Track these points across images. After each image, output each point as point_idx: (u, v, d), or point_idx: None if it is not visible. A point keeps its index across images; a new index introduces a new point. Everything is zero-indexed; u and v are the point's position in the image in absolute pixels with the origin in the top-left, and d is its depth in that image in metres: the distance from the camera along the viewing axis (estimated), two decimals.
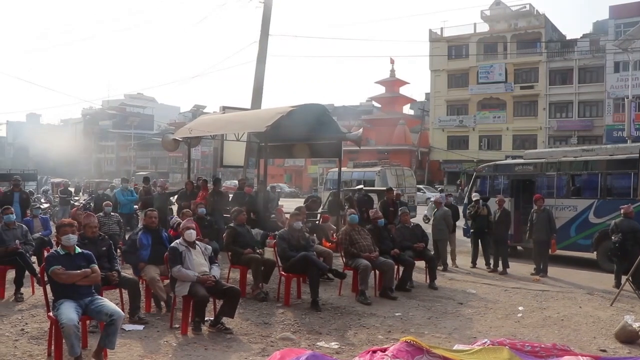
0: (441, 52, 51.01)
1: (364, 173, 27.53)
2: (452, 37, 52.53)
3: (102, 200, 14.89)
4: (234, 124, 14.02)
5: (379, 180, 26.07)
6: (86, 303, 5.43)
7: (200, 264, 6.74)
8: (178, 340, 6.31)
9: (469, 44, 51.02)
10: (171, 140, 15.57)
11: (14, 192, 13.93)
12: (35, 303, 7.94)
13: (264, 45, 18.62)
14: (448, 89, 53.16)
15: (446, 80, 53.20)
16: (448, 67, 52.80)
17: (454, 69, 52.64)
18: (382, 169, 26.71)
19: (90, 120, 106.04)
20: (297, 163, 61.39)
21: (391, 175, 26.20)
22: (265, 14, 18.78)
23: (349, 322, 7.29)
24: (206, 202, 12.49)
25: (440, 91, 53.50)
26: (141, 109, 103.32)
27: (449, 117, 53.12)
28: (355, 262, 8.77)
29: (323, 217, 13.25)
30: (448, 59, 52.42)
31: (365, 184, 27.06)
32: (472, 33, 51.56)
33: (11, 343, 6.10)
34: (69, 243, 5.67)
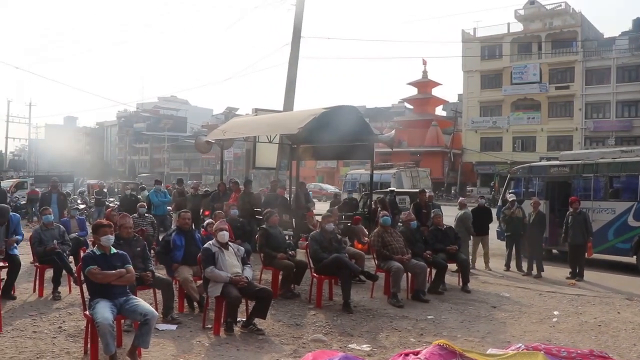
0: (474, 52, 50.51)
1: (380, 175, 27.85)
2: (485, 38, 51.96)
3: (130, 201, 15.15)
4: (266, 126, 14.07)
5: (395, 182, 26.39)
6: (121, 303, 5.50)
7: (233, 265, 6.78)
8: (210, 340, 6.36)
9: (503, 44, 50.40)
10: (204, 142, 15.70)
11: (52, 193, 14.27)
12: (72, 302, 8.10)
13: (296, 47, 18.70)
14: (481, 89, 52.58)
15: (479, 81, 52.63)
16: (481, 67, 52.22)
17: (487, 70, 52.03)
18: (397, 171, 27.27)
19: (124, 123, 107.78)
20: (329, 165, 61.45)
21: (406, 177, 26.77)
22: (297, 16, 18.86)
23: (380, 325, 7.26)
24: (238, 203, 12.57)
25: (473, 92, 52.94)
26: (174, 111, 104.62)
27: (482, 118, 52.53)
28: (388, 264, 8.73)
29: (355, 219, 13.21)
30: (481, 59, 51.86)
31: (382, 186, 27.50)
32: (505, 33, 50.91)
33: (50, 340, 6.25)
34: (106, 243, 5.76)
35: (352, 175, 31.50)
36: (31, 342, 6.13)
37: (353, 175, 31.49)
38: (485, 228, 12.78)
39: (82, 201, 21.91)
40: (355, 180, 29.85)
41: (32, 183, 27.92)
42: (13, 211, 20.98)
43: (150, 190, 18.73)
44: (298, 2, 18.86)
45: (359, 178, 29.77)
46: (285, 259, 8.57)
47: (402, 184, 26.29)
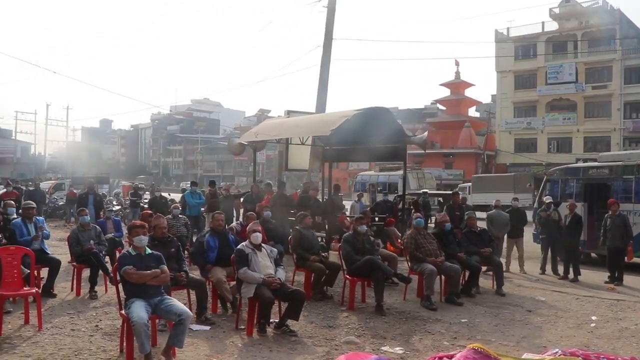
0: (508, 52, 49.76)
1: (389, 176, 29.18)
2: (519, 37, 51.18)
3: (159, 203, 15.33)
4: (298, 128, 14.13)
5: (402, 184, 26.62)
6: (156, 302, 5.57)
7: (266, 266, 6.81)
8: (243, 341, 6.40)
9: (537, 43, 49.57)
10: (237, 144, 15.83)
11: (89, 195, 14.51)
12: (108, 301, 8.24)
13: (328, 49, 18.71)
14: (515, 90, 51.80)
15: (513, 82, 51.87)
16: (515, 68, 51.45)
17: (521, 70, 51.24)
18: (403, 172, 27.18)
19: (158, 125, 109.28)
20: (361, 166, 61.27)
21: (413, 178, 27.45)
22: (329, 18, 18.88)
23: (413, 327, 7.21)
24: (271, 205, 12.63)
25: (507, 93, 52.20)
26: (207, 113, 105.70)
27: (516, 119, 51.78)
28: (421, 267, 8.67)
29: (388, 220, 13.16)
30: (515, 59, 51.06)
31: (390, 187, 27.88)
32: (540, 32, 50.03)
33: (87, 338, 6.37)
34: (141, 244, 5.84)
35: (362, 177, 32.19)
36: (69, 340, 6.27)
37: (363, 176, 32.11)
38: (520, 230, 12.59)
39: (117, 202, 22.25)
40: (365, 182, 30.76)
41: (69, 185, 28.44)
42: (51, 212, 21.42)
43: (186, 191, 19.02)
44: (329, 4, 18.87)
45: (369, 179, 30.82)
46: (317, 260, 8.58)
47: (409, 184, 26.53)
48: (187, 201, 14.65)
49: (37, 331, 6.56)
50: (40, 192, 21.58)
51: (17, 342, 6.14)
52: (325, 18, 18.97)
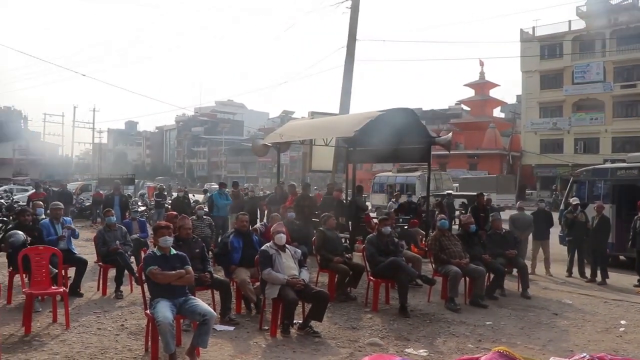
0: (533, 52, 49.14)
1: (406, 177, 29.52)
2: (544, 37, 50.55)
3: (181, 203, 15.43)
4: (322, 129, 14.15)
5: (420, 184, 27.74)
6: (180, 302, 5.61)
7: (290, 267, 6.83)
8: (267, 341, 6.41)
9: (563, 42, 48.93)
10: (261, 145, 15.90)
11: (115, 196, 14.70)
12: (133, 300, 8.33)
13: (352, 50, 18.71)
14: (541, 90, 51.18)
15: (539, 82, 51.25)
16: (541, 67, 50.82)
17: (547, 70, 50.59)
18: (422, 174, 27.84)
19: (183, 127, 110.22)
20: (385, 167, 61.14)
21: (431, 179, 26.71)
22: (352, 19, 18.88)
23: (438, 330, 7.16)
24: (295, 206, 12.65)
25: (533, 93, 51.59)
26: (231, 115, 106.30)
27: (541, 119, 51.15)
28: (445, 269, 8.61)
29: (412, 222, 13.10)
30: (540, 59, 50.40)
31: (407, 188, 28.12)
32: (566, 31, 49.30)
33: (113, 337, 6.46)
34: (166, 244, 5.89)
35: (379, 178, 32.33)
36: (96, 339, 6.36)
37: (381, 177, 32.25)
38: (546, 232, 12.43)
39: (142, 203, 22.48)
40: (384, 183, 31.22)
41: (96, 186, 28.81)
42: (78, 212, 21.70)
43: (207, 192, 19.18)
44: (353, 5, 18.87)
45: (387, 180, 31.35)
46: (341, 262, 8.57)
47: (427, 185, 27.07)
48: (215, 202, 14.76)
49: (65, 329, 6.67)
50: (68, 193, 21.89)
51: (45, 340, 6.26)
52: (349, 19, 18.98)
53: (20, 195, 27.71)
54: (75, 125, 64.76)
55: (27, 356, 5.70)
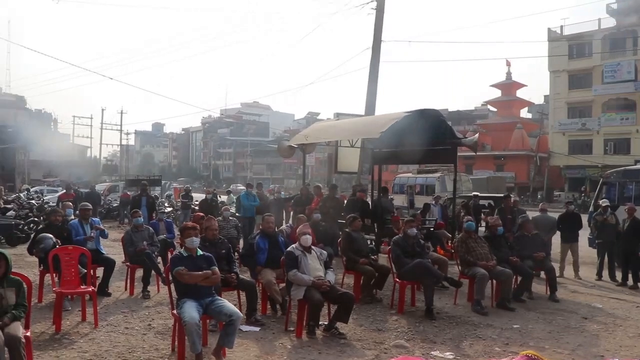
0: (561, 51, 48.41)
1: (426, 178, 30.01)
2: (573, 35, 49.74)
3: (209, 205, 15.53)
4: (348, 131, 14.13)
5: (439, 185, 28.59)
6: (207, 303, 5.65)
7: (316, 268, 6.83)
8: (293, 342, 6.42)
9: (593, 41, 48.05)
10: (287, 147, 15.94)
11: (142, 197, 14.89)
12: (160, 300, 8.41)
13: (377, 51, 18.66)
14: (569, 90, 50.41)
15: (567, 81, 50.48)
16: (569, 67, 50.05)
17: (576, 69, 49.80)
18: (441, 175, 28.86)
19: (209, 129, 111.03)
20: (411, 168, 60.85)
21: (449, 181, 27.38)
22: (378, 20, 18.83)
23: (464, 332, 7.10)
24: (321, 207, 12.66)
25: (561, 93, 50.85)
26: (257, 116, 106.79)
27: (570, 120, 50.39)
28: (472, 271, 8.53)
29: (438, 224, 13.02)
30: (569, 58, 49.66)
31: (427, 189, 28.35)
32: (596, 29, 48.39)
33: (140, 336, 6.54)
34: (192, 245, 5.94)
35: (400, 179, 32.52)
36: (123, 338, 6.44)
37: (401, 179, 32.41)
38: (575, 235, 12.24)
39: (169, 204, 22.69)
40: (404, 184, 31.29)
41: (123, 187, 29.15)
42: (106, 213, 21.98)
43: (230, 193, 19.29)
44: (378, 7, 18.82)
45: (407, 181, 31.48)
46: (367, 263, 8.54)
47: (446, 187, 27.78)
48: (242, 203, 14.83)
49: (93, 328, 6.78)
50: (96, 194, 22.20)
51: (74, 338, 6.36)
52: (374, 20, 18.93)
53: (50, 196, 28.13)
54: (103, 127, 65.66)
55: (58, 354, 5.80)
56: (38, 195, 27.02)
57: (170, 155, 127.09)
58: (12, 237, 14.40)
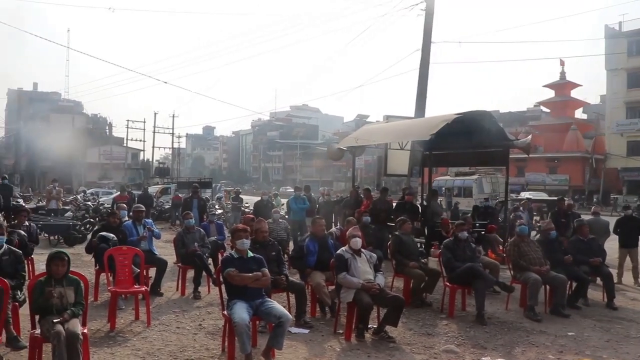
0: (619, 49, 46.84)
1: (464, 181, 30.50)
2: (633, 32, 47.98)
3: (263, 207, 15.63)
4: (397, 133, 14.03)
5: (476, 188, 29.15)
6: (257, 304, 5.69)
7: (365, 271, 6.79)
8: (341, 345, 6.41)
9: None
10: (336, 149, 15.94)
11: (193, 199, 15.12)
12: (210, 301, 8.53)
13: (427, 52, 18.47)
14: (627, 89, 48.70)
15: (625, 80, 48.79)
16: (628, 65, 48.33)
17: (636, 67, 47.94)
18: (478, 177, 29.41)
19: (259, 132, 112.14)
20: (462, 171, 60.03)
21: (486, 183, 28.76)
22: (427, 21, 18.64)
23: (516, 339, 6.93)
24: (370, 210, 12.61)
25: (619, 92, 49.22)
26: (306, 119, 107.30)
27: (628, 120, 48.72)
28: (524, 276, 8.33)
29: (489, 227, 12.78)
30: (628, 56, 47.97)
31: (464, 192, 28.23)
32: None
33: (191, 336, 6.66)
34: (243, 247, 6.00)
35: (437, 182, 32.45)
36: (175, 337, 6.57)
37: (439, 182, 32.48)
38: (634, 240, 11.81)
39: (219, 206, 23.00)
40: (442, 186, 31.40)
41: (175, 189, 29.69)
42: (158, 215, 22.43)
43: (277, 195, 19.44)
44: (428, 8, 18.63)
45: (445, 184, 31.93)
46: (417, 267, 8.47)
47: (483, 189, 28.56)
48: (290, 206, 14.93)
49: (146, 327, 6.94)
50: (149, 196, 22.69)
51: (128, 336, 6.53)
52: (424, 21, 18.76)
53: (105, 197, 28.94)
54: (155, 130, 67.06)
55: (112, 351, 5.96)
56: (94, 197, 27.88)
57: (221, 158, 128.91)
58: (69, 237, 14.89)
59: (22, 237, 8.60)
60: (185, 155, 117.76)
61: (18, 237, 8.28)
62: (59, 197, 19.61)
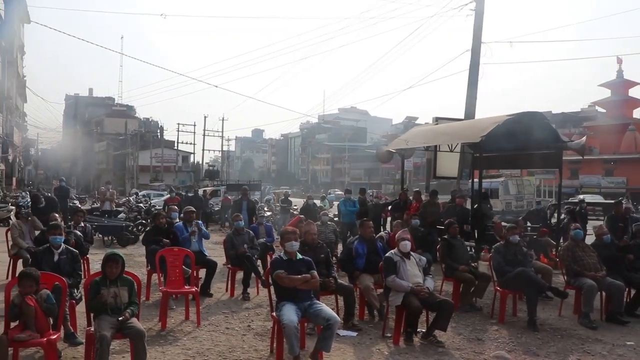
0: None
1: (490, 183, 29.59)
2: None
3: (310, 209, 15.68)
4: (447, 135, 13.88)
5: (502, 189, 29.24)
6: (305, 306, 5.71)
7: (415, 274, 6.73)
8: (390, 349, 6.37)
9: None
10: (385, 151, 15.88)
11: (243, 201, 15.28)
12: (259, 303, 8.60)
13: (477, 53, 18.20)
14: None
15: None
16: None
17: None
18: (504, 179, 29.61)
19: (307, 134, 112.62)
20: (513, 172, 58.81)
21: (512, 185, 28.98)
22: (477, 21, 18.37)
23: (570, 347, 6.73)
24: (420, 213, 12.49)
25: None
26: (354, 122, 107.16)
27: None
28: (579, 281, 8.07)
29: (541, 231, 12.49)
30: None
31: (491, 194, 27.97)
32: None
33: (240, 337, 6.72)
34: (292, 249, 6.03)
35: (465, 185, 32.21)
36: (224, 337, 6.65)
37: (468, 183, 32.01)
38: None
39: (268, 208, 23.18)
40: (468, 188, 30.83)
41: (224, 191, 30.06)
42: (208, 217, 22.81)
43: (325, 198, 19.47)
44: (477, 8, 18.36)
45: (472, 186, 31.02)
46: (467, 271, 8.34)
47: (509, 190, 28.89)
48: (339, 209, 14.91)
49: (196, 327, 7.05)
50: (199, 198, 23.05)
51: (179, 336, 6.65)
52: (473, 21, 18.50)
53: (157, 199, 29.56)
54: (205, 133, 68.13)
55: (164, 349, 6.08)
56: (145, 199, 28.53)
57: (270, 160, 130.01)
58: (122, 238, 15.28)
59: (79, 237, 8.90)
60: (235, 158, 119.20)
61: (74, 238, 8.57)
62: (113, 199, 20.17)
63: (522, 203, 28.76)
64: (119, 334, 5.07)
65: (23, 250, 9.38)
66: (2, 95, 35.89)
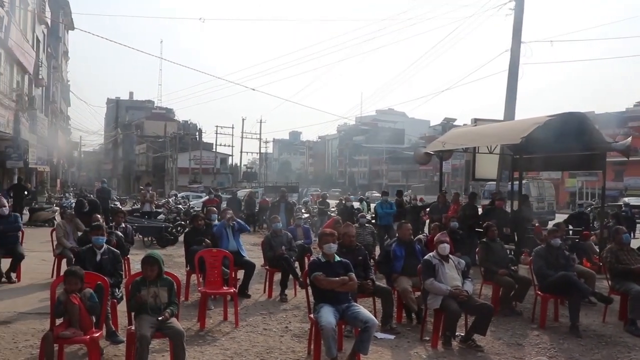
0: None
1: None
2: None
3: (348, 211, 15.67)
4: (486, 136, 13.70)
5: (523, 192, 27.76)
6: (343, 309, 5.70)
7: (453, 278, 6.66)
8: (428, 352, 6.31)
9: None
10: (423, 153, 15.77)
11: (281, 203, 15.39)
12: (297, 304, 8.62)
13: (516, 53, 17.90)
14: None
15: None
16: None
17: None
18: (526, 182, 27.84)
19: (344, 136, 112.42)
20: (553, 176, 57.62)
21: (533, 187, 28.37)
22: (516, 21, 18.08)
23: (615, 354, 6.55)
24: (459, 215, 12.36)
25: None
26: (392, 123, 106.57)
27: None
28: (625, 287, 7.85)
29: (584, 234, 12.22)
30: None
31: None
32: None
33: (277, 338, 6.76)
34: (330, 251, 6.02)
35: (489, 186, 31.79)
36: (262, 338, 6.69)
37: (490, 185, 31.66)
38: None
39: (306, 210, 23.22)
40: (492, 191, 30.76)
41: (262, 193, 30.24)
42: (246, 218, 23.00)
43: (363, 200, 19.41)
44: (517, 7, 18.07)
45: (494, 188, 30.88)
46: (506, 274, 8.21)
47: (531, 193, 27.81)
48: (377, 211, 14.87)
49: (234, 328, 7.11)
50: (237, 200, 23.24)
51: (217, 336, 6.71)
52: (513, 21, 18.22)
53: (196, 201, 29.90)
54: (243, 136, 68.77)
55: (202, 349, 6.15)
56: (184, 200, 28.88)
57: (307, 162, 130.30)
58: (162, 239, 15.51)
59: (120, 237, 9.08)
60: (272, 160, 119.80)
61: (116, 238, 8.74)
62: (152, 200, 20.51)
63: (543, 205, 28.56)
64: (159, 334, 5.16)
65: (67, 250, 9.65)
66: (48, 99, 36.94)
